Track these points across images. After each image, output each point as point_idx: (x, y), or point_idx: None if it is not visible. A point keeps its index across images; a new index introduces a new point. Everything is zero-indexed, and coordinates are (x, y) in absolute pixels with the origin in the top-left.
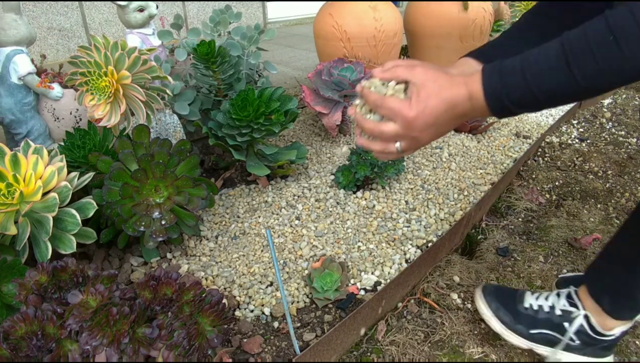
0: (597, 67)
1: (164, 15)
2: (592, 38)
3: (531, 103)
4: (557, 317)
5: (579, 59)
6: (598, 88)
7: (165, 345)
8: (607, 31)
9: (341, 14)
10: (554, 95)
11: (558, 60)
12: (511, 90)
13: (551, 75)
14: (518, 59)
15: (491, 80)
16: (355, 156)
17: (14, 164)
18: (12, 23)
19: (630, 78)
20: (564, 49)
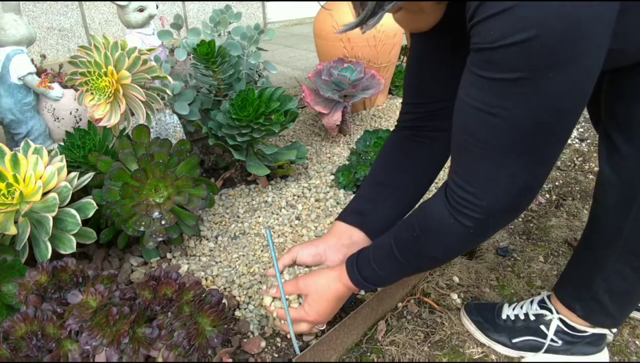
0: (413, 252)
1: (164, 15)
2: (405, 234)
3: (384, 280)
4: (533, 322)
5: (401, 249)
6: (420, 266)
7: (165, 345)
8: (411, 228)
9: (341, 14)
10: (394, 274)
11: (390, 251)
12: (368, 276)
13: (388, 261)
14: (369, 251)
15: (352, 273)
16: (355, 156)
17: (14, 164)
18: (12, 23)
19: (438, 256)
20: (391, 243)
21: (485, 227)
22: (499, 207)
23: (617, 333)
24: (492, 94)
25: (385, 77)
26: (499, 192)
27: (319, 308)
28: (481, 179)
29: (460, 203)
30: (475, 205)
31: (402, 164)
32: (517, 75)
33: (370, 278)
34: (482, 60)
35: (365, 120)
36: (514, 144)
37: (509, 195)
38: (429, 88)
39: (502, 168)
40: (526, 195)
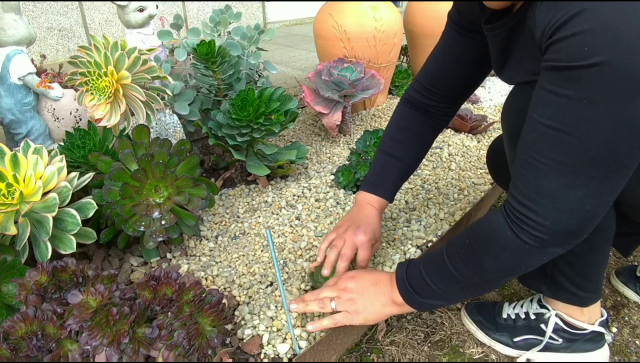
0: (463, 261)
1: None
2: (458, 241)
3: (434, 294)
4: (533, 321)
5: (451, 255)
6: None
7: (165, 345)
8: (464, 236)
9: (341, 14)
10: (444, 287)
11: (441, 257)
12: (417, 287)
13: (437, 269)
14: (421, 259)
15: (401, 282)
16: (355, 156)
17: (14, 164)
18: (12, 23)
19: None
20: (443, 249)
21: (544, 248)
22: (562, 229)
23: (617, 333)
24: (571, 113)
25: (385, 77)
26: (565, 213)
27: (366, 319)
28: (547, 197)
29: (520, 219)
30: (537, 223)
31: (408, 140)
32: (602, 96)
33: (419, 290)
34: (564, 78)
35: (365, 120)
36: (586, 166)
37: (575, 218)
38: (447, 81)
39: (571, 189)
40: (590, 221)
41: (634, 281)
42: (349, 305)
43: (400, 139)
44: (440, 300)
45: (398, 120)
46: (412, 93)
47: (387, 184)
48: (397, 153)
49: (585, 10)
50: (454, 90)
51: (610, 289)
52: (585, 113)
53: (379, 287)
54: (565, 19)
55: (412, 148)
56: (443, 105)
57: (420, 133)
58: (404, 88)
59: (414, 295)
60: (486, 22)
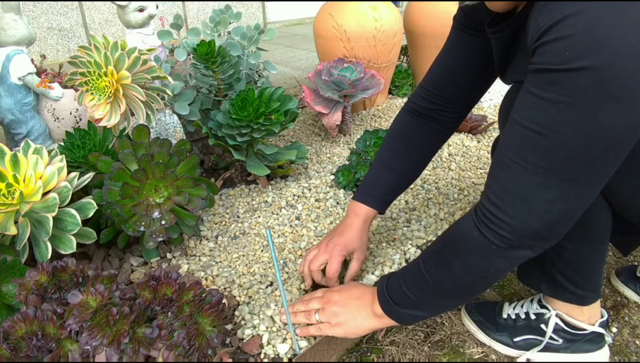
0: (436, 266)
1: (164, 15)
2: (433, 247)
3: (411, 303)
4: (534, 321)
5: (426, 261)
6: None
7: (165, 345)
8: (438, 241)
9: (341, 14)
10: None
11: (417, 265)
12: (396, 297)
13: (413, 277)
14: (400, 270)
15: (381, 293)
16: (355, 156)
17: (14, 164)
18: (12, 23)
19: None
20: (419, 258)
21: (511, 249)
22: (529, 230)
23: (617, 333)
24: (549, 116)
25: (385, 77)
26: (533, 214)
27: (347, 332)
28: (517, 196)
29: (488, 218)
30: (504, 222)
31: (406, 151)
32: (580, 100)
33: (397, 299)
34: (546, 81)
35: (365, 120)
36: (558, 169)
37: (543, 221)
38: (454, 84)
39: (542, 190)
40: (559, 225)
41: (634, 281)
42: (331, 317)
43: (398, 148)
44: (418, 310)
45: (397, 129)
46: (416, 99)
47: (377, 194)
48: (392, 163)
49: (570, 15)
50: (460, 94)
51: (610, 289)
52: (563, 116)
53: (361, 301)
54: (551, 24)
55: (410, 159)
56: (449, 111)
57: (420, 143)
58: (404, 88)
59: (392, 305)
60: (489, 25)
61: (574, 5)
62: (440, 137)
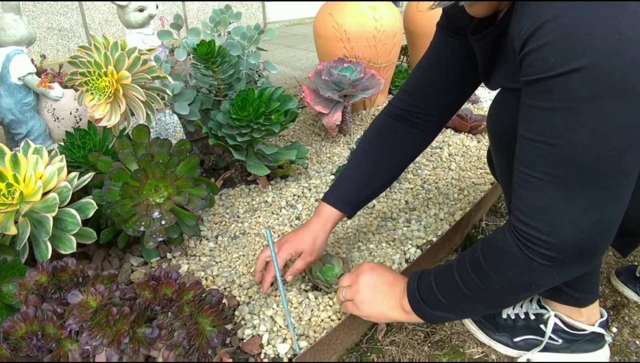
0: (471, 276)
1: (164, 15)
2: (469, 255)
3: (441, 305)
4: (533, 321)
5: (460, 269)
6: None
7: (165, 345)
8: (475, 250)
9: (341, 14)
10: (451, 300)
11: (450, 269)
12: (425, 295)
13: (446, 280)
14: (433, 269)
15: (411, 287)
16: None
17: (14, 164)
18: (12, 23)
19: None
20: (454, 262)
21: (557, 267)
22: (570, 245)
23: (617, 333)
24: (551, 124)
25: (385, 77)
26: (569, 228)
27: (369, 315)
28: (545, 212)
29: (526, 238)
30: (542, 241)
31: (381, 152)
32: (575, 103)
33: (427, 300)
34: (538, 91)
35: (365, 120)
36: (579, 176)
37: (582, 233)
38: (435, 87)
39: (569, 202)
40: (601, 235)
41: (634, 281)
42: (356, 295)
43: (370, 151)
44: (448, 312)
45: (374, 131)
46: (397, 102)
47: (343, 196)
48: (365, 166)
49: (548, 21)
50: (441, 99)
51: (610, 289)
52: (564, 122)
53: (392, 289)
54: (531, 32)
55: (387, 162)
56: (430, 116)
57: (396, 147)
58: None
59: (422, 304)
60: (472, 32)
61: (549, 9)
62: (418, 143)
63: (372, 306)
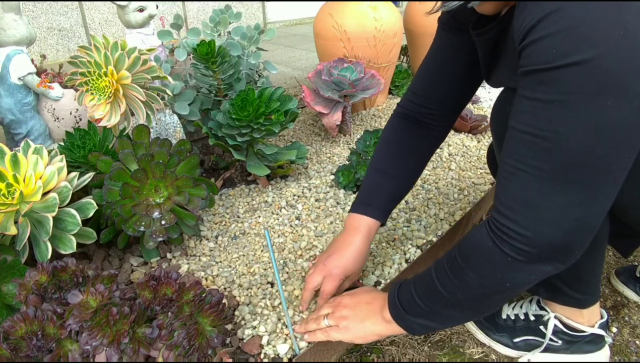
0: (447, 276)
1: (164, 15)
2: (445, 256)
3: (421, 312)
4: (533, 322)
5: (438, 270)
6: (455, 297)
7: (165, 345)
8: (452, 250)
9: (341, 14)
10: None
11: (429, 273)
12: (405, 302)
13: (425, 285)
14: (414, 277)
15: (391, 297)
16: (355, 156)
17: (14, 164)
18: (12, 23)
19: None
20: (432, 266)
21: (530, 263)
22: (546, 241)
23: (617, 333)
24: (545, 117)
25: (385, 77)
26: (547, 223)
27: (355, 336)
28: (526, 205)
29: (502, 231)
30: (518, 234)
31: (401, 155)
32: (572, 97)
33: (407, 306)
34: (535, 82)
35: (365, 120)
36: (565, 171)
37: (560, 230)
38: (442, 86)
39: (552, 196)
40: (579, 234)
41: (634, 281)
42: (340, 320)
43: (392, 154)
44: (428, 319)
45: (390, 133)
46: (405, 104)
47: (377, 203)
48: (389, 169)
49: (552, 12)
50: (448, 97)
51: (610, 289)
52: (558, 115)
53: (372, 306)
54: (533, 23)
55: (406, 163)
56: (439, 115)
57: (415, 147)
58: (404, 88)
59: (401, 312)
60: (474, 27)
61: (554, 2)
62: (434, 141)
63: (356, 325)
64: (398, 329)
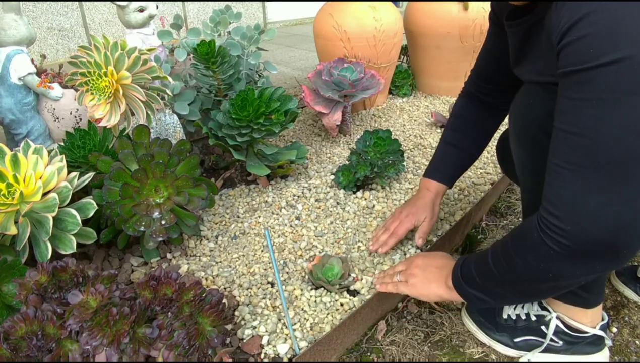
0: (500, 259)
1: (164, 15)
2: (501, 240)
3: (477, 286)
4: (534, 322)
5: (493, 252)
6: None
7: (165, 345)
8: (507, 237)
9: (341, 14)
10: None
11: (486, 253)
12: (465, 274)
13: (482, 263)
14: (472, 266)
15: (455, 266)
16: (355, 156)
17: (14, 164)
18: (12, 23)
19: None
20: (490, 247)
21: (573, 257)
22: (588, 237)
23: (617, 333)
24: (583, 115)
25: (385, 77)
26: (588, 219)
27: (420, 293)
28: (568, 201)
29: (546, 225)
30: (560, 229)
31: (467, 129)
32: (609, 95)
33: (466, 278)
34: (575, 82)
35: (365, 120)
36: (605, 168)
37: (602, 226)
38: (495, 75)
39: (592, 193)
40: (625, 231)
41: (634, 281)
42: (410, 276)
43: (458, 128)
44: (482, 293)
45: (457, 111)
46: (467, 87)
47: (445, 170)
48: (456, 141)
49: (590, 13)
50: (504, 81)
51: (610, 289)
52: (595, 113)
53: (441, 270)
54: (571, 24)
55: (471, 136)
56: (499, 96)
57: (478, 122)
58: (404, 88)
59: (460, 282)
60: (507, 17)
61: (592, 3)
62: (496, 117)
63: (423, 284)
64: (457, 297)
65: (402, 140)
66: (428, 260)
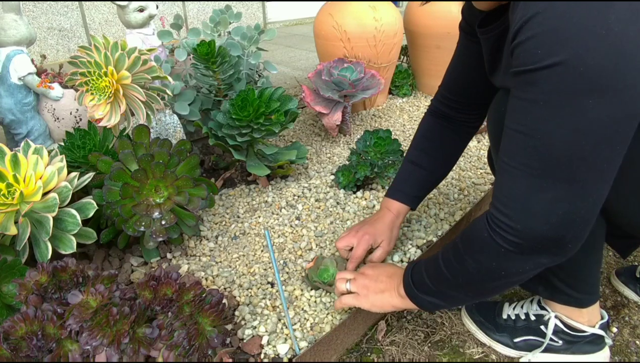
0: (450, 260)
1: (164, 15)
2: (451, 242)
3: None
4: (533, 322)
5: (444, 254)
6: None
7: (165, 345)
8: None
9: (341, 14)
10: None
11: (436, 256)
12: (417, 281)
13: (433, 266)
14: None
15: (406, 274)
16: (355, 156)
17: (14, 164)
18: (12, 23)
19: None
20: (439, 254)
21: (522, 254)
22: (535, 234)
23: (617, 333)
24: (532, 116)
25: (385, 77)
26: (536, 217)
27: (372, 304)
28: (517, 200)
29: (496, 223)
30: (509, 227)
31: (433, 150)
32: (556, 97)
33: (417, 284)
34: (523, 82)
35: (365, 120)
36: (552, 168)
37: (548, 223)
38: (466, 89)
39: (540, 192)
40: (568, 228)
41: (634, 281)
42: (361, 288)
43: (424, 148)
44: (435, 298)
45: (423, 130)
46: (436, 103)
47: (408, 190)
48: (420, 161)
49: (538, 13)
50: (474, 97)
51: (610, 289)
52: (543, 114)
53: (391, 279)
54: (521, 24)
55: (437, 156)
56: (468, 113)
57: (445, 141)
58: (404, 88)
59: (413, 290)
60: (479, 25)
61: (540, 3)
62: (464, 136)
63: (376, 295)
64: (411, 304)
65: (402, 140)
66: (377, 270)
